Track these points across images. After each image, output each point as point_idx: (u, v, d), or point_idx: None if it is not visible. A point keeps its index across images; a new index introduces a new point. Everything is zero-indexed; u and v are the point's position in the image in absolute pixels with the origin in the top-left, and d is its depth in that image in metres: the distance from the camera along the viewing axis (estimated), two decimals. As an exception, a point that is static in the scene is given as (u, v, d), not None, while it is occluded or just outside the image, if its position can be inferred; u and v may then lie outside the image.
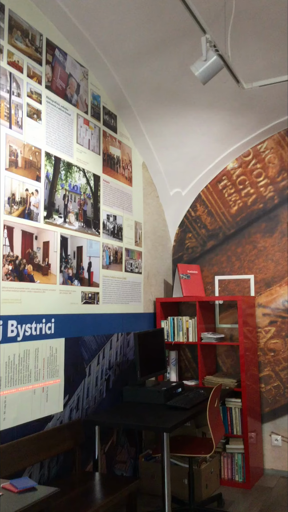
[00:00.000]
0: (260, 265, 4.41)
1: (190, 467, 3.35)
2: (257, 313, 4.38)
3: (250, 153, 4.52)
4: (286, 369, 4.23)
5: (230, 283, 4.52)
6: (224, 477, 4.03)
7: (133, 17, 2.96)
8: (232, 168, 4.59)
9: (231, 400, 4.04)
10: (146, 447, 4.03)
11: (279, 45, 3.22)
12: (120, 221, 3.81)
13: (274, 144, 4.42)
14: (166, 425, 2.81)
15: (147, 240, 4.27)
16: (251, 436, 3.99)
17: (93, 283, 3.41)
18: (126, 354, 3.81)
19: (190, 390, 3.73)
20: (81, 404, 3.21)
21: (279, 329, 4.28)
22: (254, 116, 4.10)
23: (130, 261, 3.94)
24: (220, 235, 4.60)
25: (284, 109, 4.08)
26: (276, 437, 4.23)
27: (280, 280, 4.31)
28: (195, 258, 4.69)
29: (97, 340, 3.44)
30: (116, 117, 3.83)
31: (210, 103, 3.81)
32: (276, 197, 4.38)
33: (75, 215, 3.24)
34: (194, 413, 3.16)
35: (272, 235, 4.37)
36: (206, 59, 2.67)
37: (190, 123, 3.99)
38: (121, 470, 3.67)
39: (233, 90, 3.62)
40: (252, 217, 4.47)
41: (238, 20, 2.93)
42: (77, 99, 3.33)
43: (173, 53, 3.26)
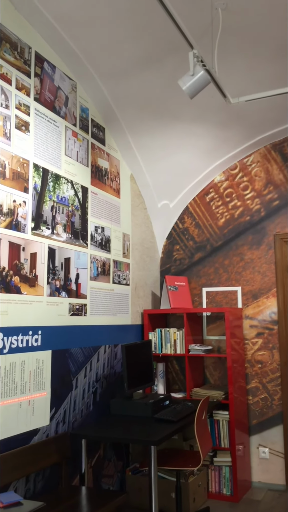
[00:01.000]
0: (247, 277, 4.43)
1: (178, 481, 3.33)
2: (244, 325, 4.40)
3: (237, 167, 4.57)
4: (273, 381, 4.24)
5: (218, 295, 4.54)
6: (212, 490, 4.01)
7: (122, 32, 2.99)
8: (219, 181, 4.63)
9: (218, 412, 4.03)
10: (133, 461, 3.99)
11: (265, 61, 3.28)
12: (108, 233, 3.82)
13: (260, 157, 4.48)
14: (154, 438, 2.79)
15: (135, 251, 4.28)
16: (238, 449, 3.98)
17: (80, 295, 3.39)
18: (113, 366, 3.79)
19: (178, 403, 3.71)
20: (68, 418, 3.18)
21: (266, 341, 4.30)
22: (240, 130, 4.15)
23: (118, 272, 3.94)
24: (208, 247, 4.63)
25: (270, 123, 4.15)
26: (264, 450, 4.22)
27: (267, 292, 4.34)
28: (183, 270, 4.71)
29: (84, 352, 3.42)
30: (104, 129, 3.85)
31: (198, 117, 3.86)
32: (263, 210, 4.43)
33: (63, 227, 3.24)
34: (181, 425, 3.15)
35: (259, 247, 4.41)
36: (194, 74, 2.70)
37: (177, 136, 4.03)
38: (108, 484, 3.63)
39: (220, 104, 3.67)
40: (239, 230, 4.51)
41: (225, 36, 2.98)
42: (65, 112, 3.35)
43: (161, 67, 3.30)
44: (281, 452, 4.16)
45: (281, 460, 4.16)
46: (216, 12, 2.78)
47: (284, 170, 4.38)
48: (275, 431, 4.19)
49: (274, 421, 4.21)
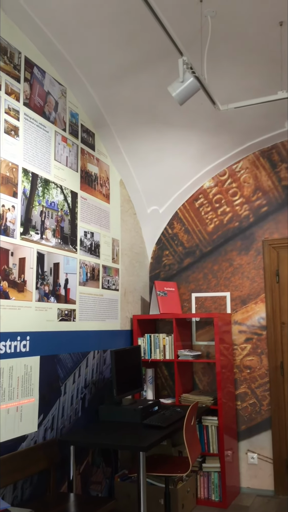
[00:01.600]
0: (236, 283, 4.45)
1: (166, 487, 3.31)
2: (233, 330, 4.41)
3: (226, 173, 4.60)
4: (261, 386, 4.26)
5: (207, 300, 4.55)
6: (201, 496, 4.00)
7: (112, 38, 3.01)
8: (208, 187, 4.66)
9: (207, 418, 4.03)
10: (122, 467, 3.97)
11: (254, 68, 3.31)
12: (97, 238, 3.82)
13: (249, 164, 4.52)
14: (143, 444, 2.78)
15: (124, 257, 4.28)
16: (227, 455, 3.98)
17: (69, 300, 3.38)
18: (102, 372, 3.78)
19: (167, 409, 3.71)
20: (56, 424, 3.16)
21: (255, 346, 4.31)
22: (229, 137, 4.18)
23: (107, 278, 3.93)
24: (197, 252, 4.64)
25: (259, 130, 4.18)
26: (252, 455, 4.22)
27: (255, 298, 4.36)
28: (172, 275, 4.71)
29: (73, 358, 3.40)
30: (94, 135, 3.86)
31: (187, 123, 3.88)
32: (251, 216, 4.46)
33: (52, 232, 3.23)
34: (170, 431, 3.14)
35: (248, 252, 4.43)
36: (183, 81, 2.72)
37: (167, 142, 4.05)
38: (96, 491, 3.60)
39: (209, 111, 3.70)
40: (228, 235, 4.53)
41: (214, 43, 3.01)
42: (55, 117, 3.35)
43: (151, 73, 3.32)
44: (270, 458, 4.17)
45: (270, 465, 4.16)
46: (206, 19, 2.81)
47: (272, 176, 4.42)
48: (264, 437, 4.20)
49: (263, 426, 4.22)
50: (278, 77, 3.37)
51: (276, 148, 4.43)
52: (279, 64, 3.25)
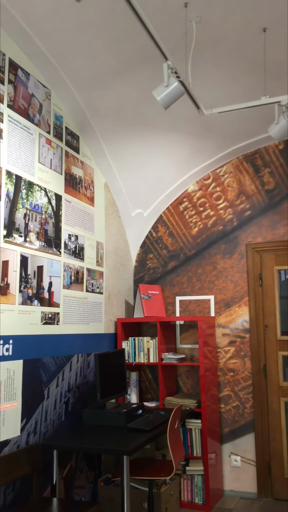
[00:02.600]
0: (220, 286, 4.48)
1: (150, 490, 3.31)
2: (217, 333, 4.43)
3: (210, 177, 4.63)
4: (245, 389, 4.28)
5: (191, 303, 4.57)
6: (184, 499, 4.00)
7: (97, 41, 3.01)
8: (192, 191, 4.68)
9: (191, 421, 4.04)
10: (105, 471, 3.96)
11: (238, 74, 3.35)
12: (81, 241, 3.81)
13: (232, 168, 4.56)
14: (126, 447, 2.78)
15: (109, 260, 4.27)
16: (211, 457, 3.99)
17: (53, 303, 3.36)
18: (86, 375, 3.76)
19: (151, 412, 3.70)
20: (39, 428, 3.13)
21: (238, 349, 4.34)
22: (213, 141, 4.22)
23: (91, 281, 3.92)
24: (181, 256, 4.66)
25: (242, 135, 4.23)
26: (236, 458, 4.24)
27: (239, 301, 4.39)
28: (156, 279, 4.72)
29: (57, 361, 3.38)
30: (78, 137, 3.85)
31: (172, 127, 3.90)
32: (235, 220, 4.49)
33: (36, 234, 3.21)
34: (154, 435, 3.14)
35: (232, 256, 4.47)
36: (168, 85, 2.73)
37: (152, 146, 4.06)
38: (80, 495, 3.58)
39: (193, 115, 3.72)
40: (212, 239, 4.56)
41: (199, 48, 3.04)
42: (39, 119, 3.33)
43: (136, 77, 3.33)
44: (253, 460, 4.19)
45: (253, 468, 4.19)
46: (191, 25, 2.83)
47: (255, 181, 4.47)
48: (247, 439, 4.23)
49: (246, 429, 4.24)
50: (261, 82, 3.41)
51: (259, 153, 4.48)
52: (262, 70, 3.29)
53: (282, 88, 3.43)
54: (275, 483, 4.14)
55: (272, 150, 4.44)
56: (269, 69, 3.28)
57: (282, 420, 4.16)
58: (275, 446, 4.16)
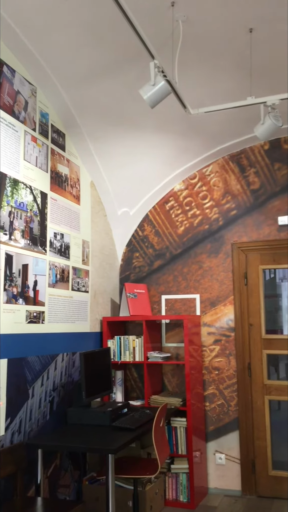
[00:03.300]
0: (205, 285, 4.50)
1: (135, 489, 3.31)
2: (202, 332, 4.45)
3: (196, 176, 4.65)
4: (229, 387, 4.31)
5: (177, 302, 4.58)
6: (169, 497, 4.02)
7: (83, 39, 3.00)
8: (179, 190, 4.69)
9: (176, 419, 4.06)
10: (90, 470, 3.95)
11: (225, 73, 3.36)
12: (67, 239, 3.79)
13: (218, 168, 4.58)
14: (111, 446, 2.78)
15: (95, 259, 4.26)
16: (195, 455, 4.01)
17: (38, 302, 3.34)
18: (71, 374, 3.75)
19: (136, 410, 3.71)
20: (24, 427, 3.11)
21: (223, 348, 4.37)
22: (200, 141, 4.23)
23: (77, 279, 3.91)
24: (167, 254, 4.67)
25: (228, 135, 4.25)
26: (220, 456, 4.27)
27: (224, 300, 4.42)
28: (142, 278, 4.72)
29: (42, 360, 3.36)
30: (64, 135, 3.83)
31: (158, 126, 3.90)
32: (221, 219, 4.51)
33: (21, 233, 3.19)
34: (139, 433, 3.14)
35: (217, 255, 4.49)
36: (154, 84, 2.73)
37: (138, 145, 4.06)
38: (64, 494, 3.57)
39: (180, 114, 3.73)
40: (198, 238, 4.57)
41: (185, 47, 3.04)
42: (24, 116, 3.31)
43: (123, 75, 3.33)
44: (237, 458, 4.23)
45: (237, 465, 4.22)
46: (177, 23, 2.83)
47: (241, 180, 4.49)
48: (231, 437, 4.25)
49: (231, 427, 4.27)
50: (247, 83, 3.43)
51: (245, 153, 4.51)
52: (249, 70, 3.31)
53: (268, 89, 3.46)
54: (259, 480, 4.17)
55: (257, 150, 4.47)
56: (255, 69, 3.30)
57: (266, 418, 4.20)
58: (259, 444, 4.19)
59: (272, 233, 4.34)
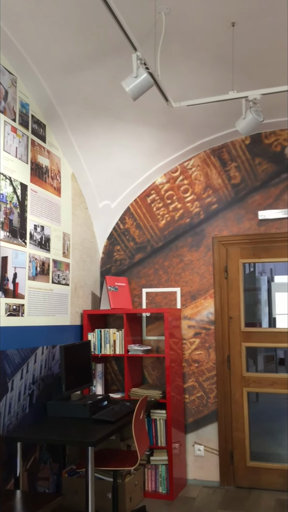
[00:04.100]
0: (186, 278, 4.52)
1: (114, 481, 3.33)
2: (183, 325, 4.48)
3: (178, 169, 4.65)
4: (209, 379, 4.35)
5: (157, 295, 4.59)
6: (148, 489, 4.05)
7: (65, 29, 2.96)
8: (160, 183, 4.69)
9: (156, 411, 4.08)
10: (70, 462, 3.95)
11: (207, 67, 3.36)
12: (47, 232, 3.76)
13: (200, 162, 4.59)
14: (91, 439, 2.78)
15: (75, 251, 4.24)
16: (175, 447, 4.05)
17: (18, 295, 3.31)
18: (51, 367, 3.73)
19: (116, 403, 3.72)
20: (2, 421, 3.10)
21: (203, 341, 4.40)
22: (181, 134, 4.23)
23: (57, 272, 3.88)
24: (148, 248, 4.67)
25: (210, 129, 4.26)
26: (199, 447, 4.32)
27: (205, 293, 4.45)
28: (123, 271, 4.72)
29: (21, 353, 3.34)
30: (45, 126, 3.79)
31: (140, 119, 3.89)
32: (202, 213, 4.53)
33: (1, 224, 3.15)
34: (119, 426, 3.15)
35: (198, 249, 4.51)
36: (137, 76, 2.72)
37: (120, 137, 4.04)
38: (44, 487, 3.57)
39: (162, 107, 3.72)
40: (179, 231, 4.59)
41: (168, 40, 3.03)
42: (4, 106, 3.26)
43: (105, 67, 3.30)
44: (216, 449, 4.28)
45: (216, 457, 4.27)
46: (160, 16, 2.82)
47: (222, 175, 4.51)
48: (210, 429, 4.30)
49: (209, 419, 4.32)
50: (229, 77, 3.44)
51: (226, 147, 4.52)
52: (231, 65, 3.31)
53: (250, 83, 3.47)
54: (237, 471, 4.23)
55: (239, 144, 4.49)
56: (237, 63, 3.31)
57: (245, 409, 4.25)
58: (237, 435, 4.25)
59: (252, 227, 4.38)
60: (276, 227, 4.31)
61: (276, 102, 3.81)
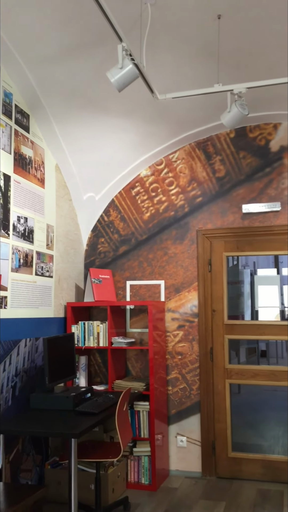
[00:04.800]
0: (170, 271, 4.53)
1: (97, 472, 3.34)
2: (167, 318, 4.50)
3: (163, 162, 4.64)
4: (192, 371, 4.39)
5: (141, 288, 4.60)
6: (131, 480, 4.08)
7: (50, 19, 2.92)
8: (145, 176, 4.68)
9: (139, 403, 4.10)
10: (52, 454, 3.95)
11: (192, 60, 3.35)
12: (31, 223, 3.73)
13: (185, 154, 4.59)
14: (74, 431, 2.78)
15: (59, 243, 4.22)
16: (157, 438, 4.08)
17: (1, 287, 3.29)
18: (34, 360, 3.72)
19: (99, 395, 3.72)
20: (-15, 413, 3.08)
21: (187, 333, 4.43)
22: (167, 127, 4.22)
23: (41, 264, 3.86)
24: (132, 240, 4.67)
25: (195, 122, 4.26)
26: (182, 438, 4.36)
27: (188, 286, 4.46)
28: (107, 263, 4.71)
29: (4, 346, 3.32)
30: (29, 116, 3.74)
31: (125, 111, 3.86)
32: (187, 206, 4.54)
33: (-17, 216, 3.11)
34: (103, 417, 3.16)
35: (182, 242, 4.52)
36: (122, 67, 2.70)
37: (104, 129, 4.01)
38: (26, 479, 3.57)
39: (147, 99, 3.70)
40: (163, 224, 4.59)
41: (154, 31, 3.01)
42: (-12, 96, 3.21)
43: (90, 57, 3.26)
44: (198, 440, 4.32)
45: (198, 448, 4.32)
46: (145, 7, 2.80)
47: (207, 168, 4.52)
48: (193, 420, 4.34)
49: (192, 410, 4.36)
50: (215, 70, 3.44)
51: (211, 140, 4.53)
52: (216, 57, 3.31)
53: (235, 77, 3.47)
54: (218, 462, 4.28)
55: (223, 138, 4.50)
56: (223, 56, 3.30)
57: (227, 401, 4.30)
58: (219, 426, 4.30)
59: (236, 220, 4.40)
60: (260, 221, 4.35)
61: (261, 96, 3.83)
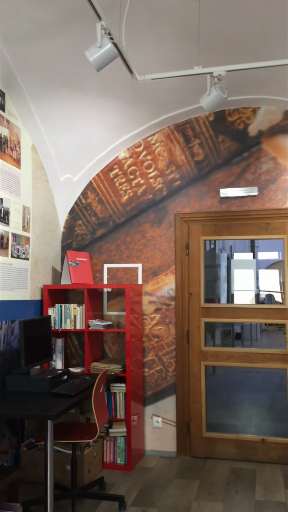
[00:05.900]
0: (148, 254, 4.54)
1: (73, 453, 3.37)
2: (144, 301, 4.52)
3: (141, 144, 4.61)
4: (168, 353, 4.43)
5: (119, 271, 4.59)
6: (107, 460, 4.13)
7: (26, -8, 2.83)
8: (123, 158, 4.64)
9: (115, 385, 4.13)
10: (28, 436, 3.96)
11: (173, 41, 3.31)
12: (6, 205, 3.67)
13: (164, 137, 4.56)
14: (50, 412, 2.79)
15: (36, 225, 4.16)
16: (133, 419, 4.13)
17: (-24, 269, 3.24)
18: (10, 342, 3.70)
19: (76, 377, 3.73)
20: None
21: (164, 316, 4.46)
22: (145, 108, 4.18)
23: (17, 246, 3.81)
24: (110, 223, 4.64)
25: (175, 104, 4.22)
26: (157, 419, 4.42)
27: (166, 269, 4.48)
28: (85, 246, 4.69)
29: (-21, 328, 3.28)
30: (4, 94, 3.65)
31: (104, 91, 3.80)
32: (165, 189, 4.53)
33: None
34: (79, 399, 3.17)
35: (160, 225, 4.52)
36: (101, 46, 2.65)
37: (82, 109, 3.95)
38: (2, 461, 3.57)
39: (126, 80, 3.65)
40: (141, 207, 4.58)
41: (133, 11, 2.95)
42: None
43: (68, 35, 3.19)
44: (173, 421, 4.39)
45: (173, 428, 4.39)
46: (125, -16, 2.74)
47: (186, 151, 4.51)
48: (168, 401, 4.40)
49: (168, 391, 4.42)
50: (195, 51, 3.40)
51: (190, 123, 4.51)
52: (197, 40, 3.27)
53: (215, 59, 3.45)
54: (193, 442, 4.37)
55: (202, 121, 4.49)
56: (203, 39, 3.27)
57: (202, 382, 4.37)
58: (194, 407, 4.37)
59: (214, 204, 4.42)
60: (237, 205, 4.37)
61: (240, 79, 3.81)
